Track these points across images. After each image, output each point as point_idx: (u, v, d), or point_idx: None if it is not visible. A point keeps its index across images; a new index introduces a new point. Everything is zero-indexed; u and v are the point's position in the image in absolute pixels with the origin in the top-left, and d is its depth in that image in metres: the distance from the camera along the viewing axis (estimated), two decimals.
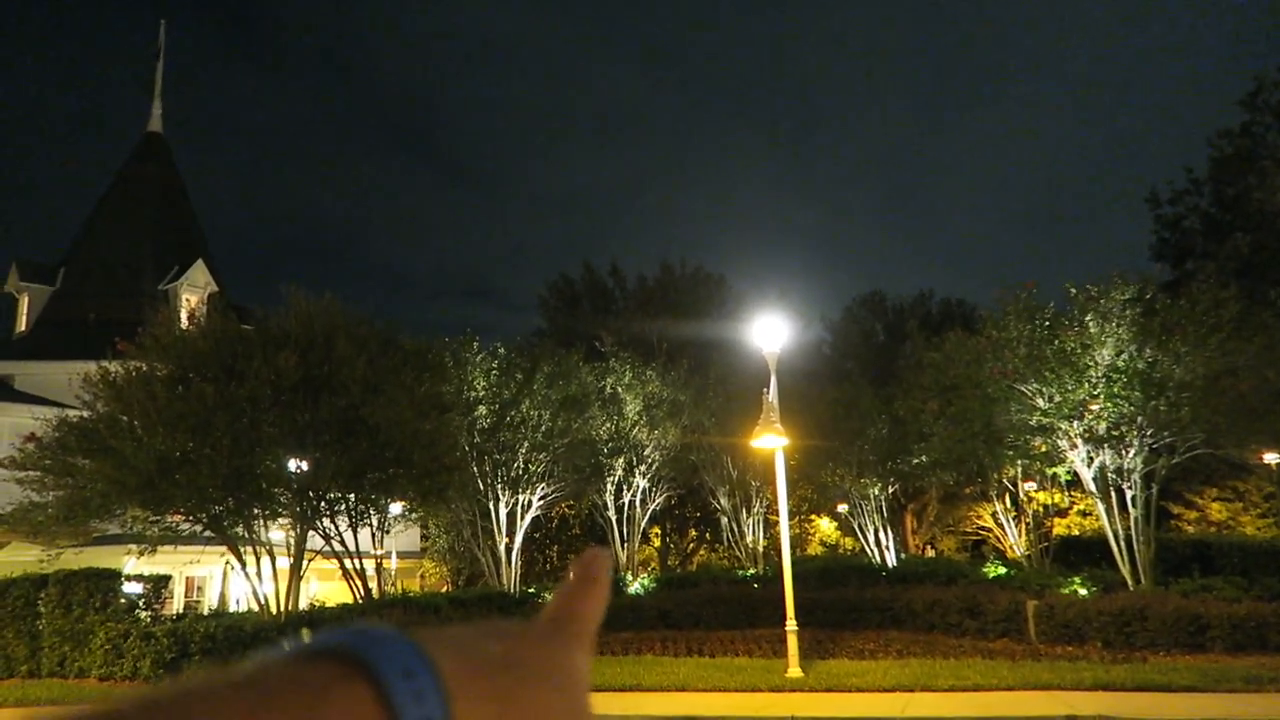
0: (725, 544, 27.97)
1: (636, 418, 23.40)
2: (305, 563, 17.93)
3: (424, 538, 35.49)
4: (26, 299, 33.35)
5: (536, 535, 36.70)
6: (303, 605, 19.76)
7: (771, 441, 14.12)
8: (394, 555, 35.78)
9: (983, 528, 30.88)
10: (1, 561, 19.51)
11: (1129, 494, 17.23)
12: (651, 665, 15.15)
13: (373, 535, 20.34)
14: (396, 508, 25.91)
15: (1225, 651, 13.77)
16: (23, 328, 32.97)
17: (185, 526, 18.17)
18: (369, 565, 21.68)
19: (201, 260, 33.12)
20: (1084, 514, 32.74)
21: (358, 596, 19.88)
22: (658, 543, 34.58)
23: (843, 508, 27.67)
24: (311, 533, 18.55)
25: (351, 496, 17.93)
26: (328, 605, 19.92)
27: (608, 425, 23.16)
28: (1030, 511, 25.24)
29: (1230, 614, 14.09)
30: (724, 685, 13.12)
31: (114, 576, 18.89)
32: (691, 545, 36.56)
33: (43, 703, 14.52)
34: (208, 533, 18.64)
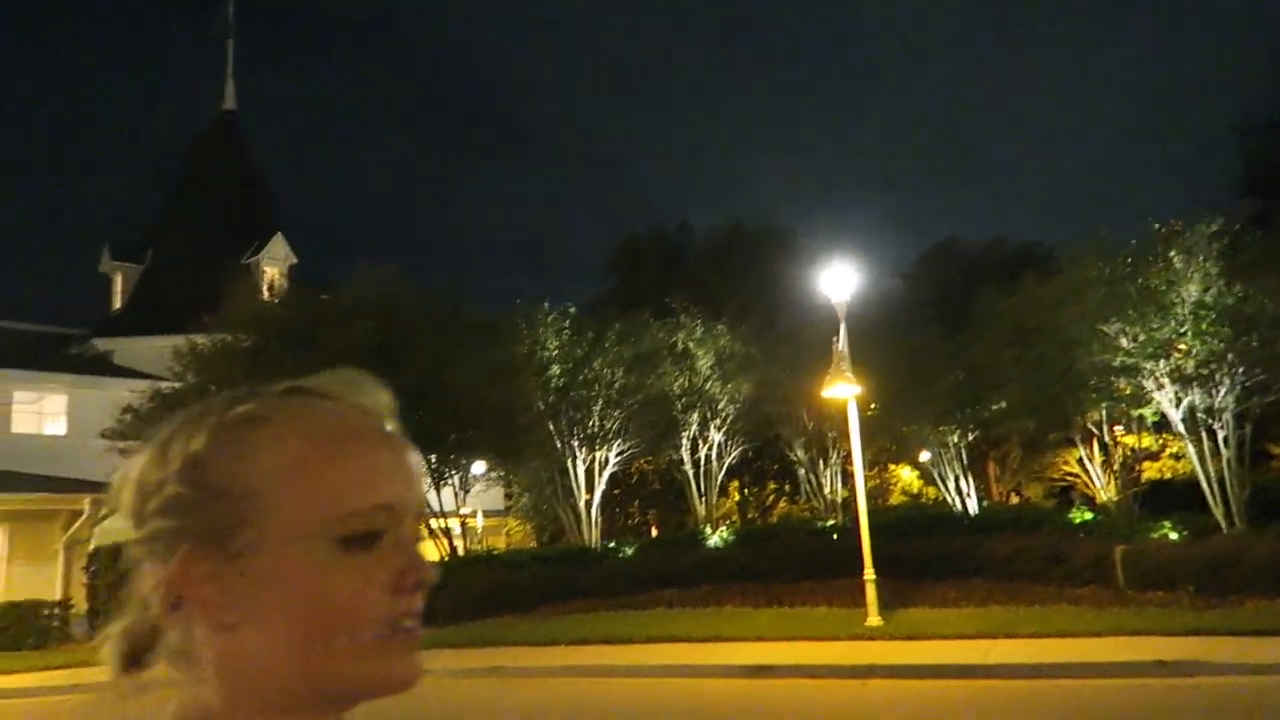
0: (804, 496, 27.90)
1: (709, 373, 23.41)
2: None
3: (507, 496, 36.18)
4: (120, 278, 34.81)
5: (616, 492, 37.14)
6: None
7: (843, 391, 14.02)
8: (479, 514, 36.76)
9: (1070, 474, 30.16)
10: (107, 529, 20.57)
11: (1220, 434, 16.64)
12: (731, 616, 15.34)
13: (455, 494, 20.87)
14: (479, 467, 26.55)
15: None
16: (118, 305, 34.45)
17: None
18: (454, 524, 22.31)
19: (280, 234, 34.04)
20: (1176, 457, 31.66)
21: (443, 554, 20.50)
22: (737, 496, 34.68)
23: (925, 456, 27.26)
24: None
25: (433, 457, 18.40)
26: None
27: (680, 381, 23.22)
28: (1118, 456, 24.59)
29: None
30: (803, 635, 13.22)
31: None
32: (771, 498, 36.57)
33: None
34: None
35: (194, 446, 0.70)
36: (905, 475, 37.63)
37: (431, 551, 21.25)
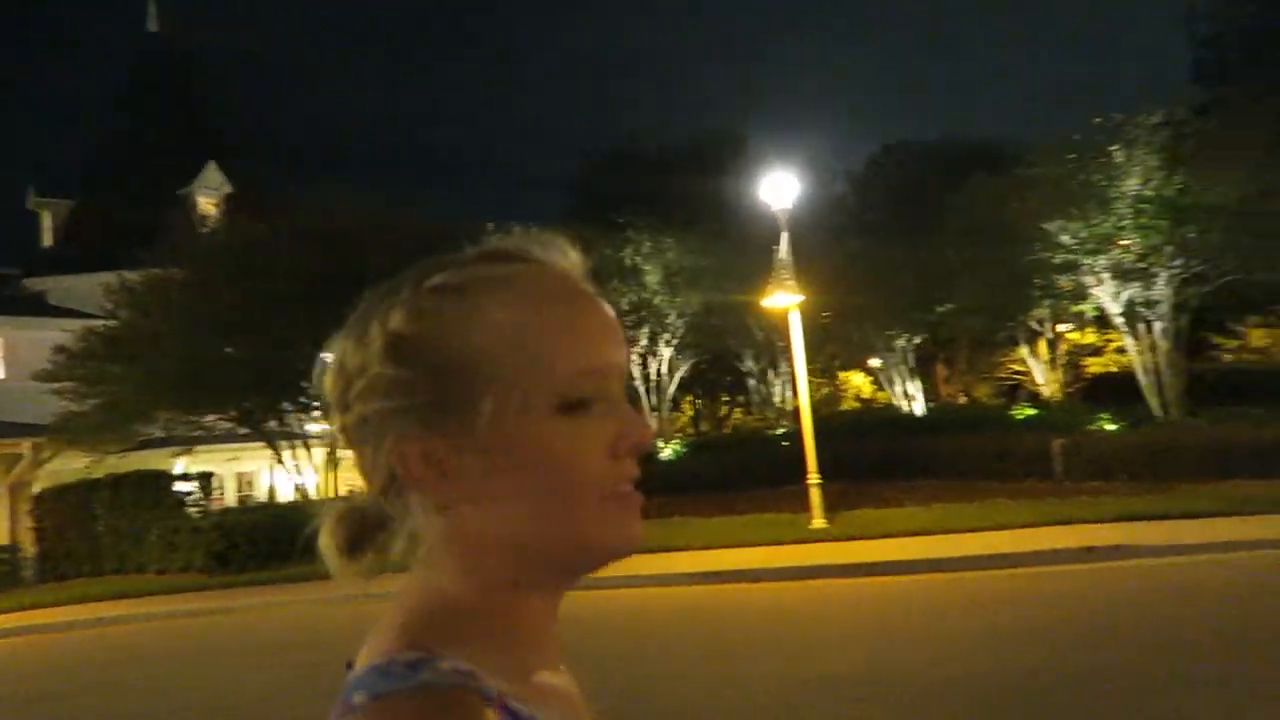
0: (755, 406, 28.16)
1: (657, 287, 23.24)
2: (340, 452, 18.35)
3: None
4: (49, 215, 33.57)
5: None
6: (343, 492, 20.38)
7: (784, 300, 13.97)
8: None
9: (1017, 372, 30.67)
10: (53, 470, 20.25)
11: (1158, 327, 16.92)
12: (681, 526, 15.49)
13: None
14: None
15: (1252, 476, 13.66)
16: (48, 243, 33.32)
17: (222, 425, 18.64)
18: None
19: (214, 163, 32.89)
20: (1120, 351, 32.39)
21: None
22: (690, 410, 34.94)
23: (875, 361, 27.54)
24: None
25: None
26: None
27: (629, 296, 23.04)
28: (1063, 352, 25.00)
29: (1256, 439, 13.97)
30: (750, 540, 13.41)
31: (162, 477, 19.58)
32: (725, 410, 36.91)
33: (106, 599, 15.32)
34: (244, 430, 19.13)
35: (394, 324, 0.67)
36: (857, 381, 38.05)
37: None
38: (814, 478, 13.98)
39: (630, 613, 10.05)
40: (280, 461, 18.27)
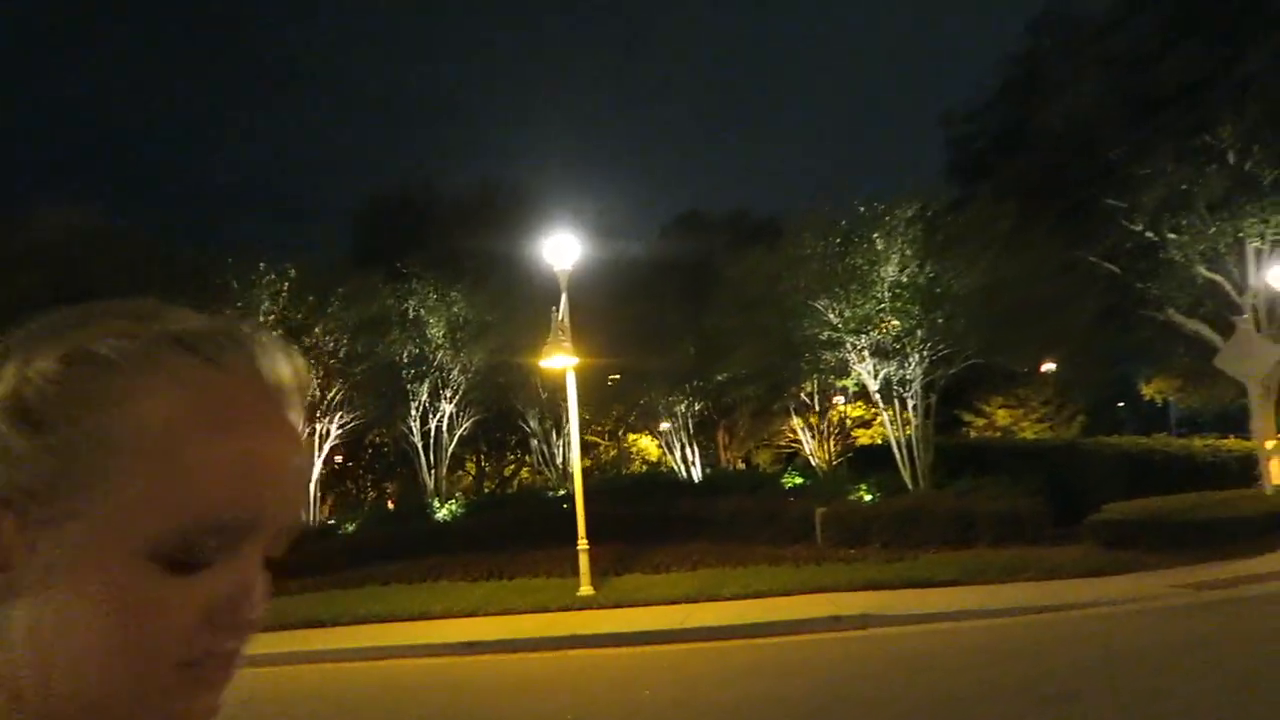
0: (538, 466, 27.82)
1: (441, 341, 22.61)
2: None
3: None
4: None
5: (350, 465, 35.49)
6: None
7: (561, 361, 13.84)
8: None
9: (795, 440, 32.09)
10: None
11: (911, 403, 18.05)
12: (446, 591, 14.85)
13: None
14: None
15: (990, 545, 14.70)
16: None
17: None
18: None
19: None
20: (895, 423, 34.69)
21: None
22: (473, 468, 34.11)
23: (665, 425, 27.93)
24: None
25: None
26: None
27: (411, 349, 22.27)
28: (833, 422, 26.33)
29: (993, 510, 15.07)
30: (516, 607, 12.98)
31: None
32: (511, 469, 36.31)
33: None
34: None
35: (29, 374, 0.54)
36: (646, 444, 38.61)
37: None
38: (583, 544, 13.77)
39: (381, 685, 9.37)
40: None
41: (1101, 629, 9.27)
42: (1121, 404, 49.52)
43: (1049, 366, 34.79)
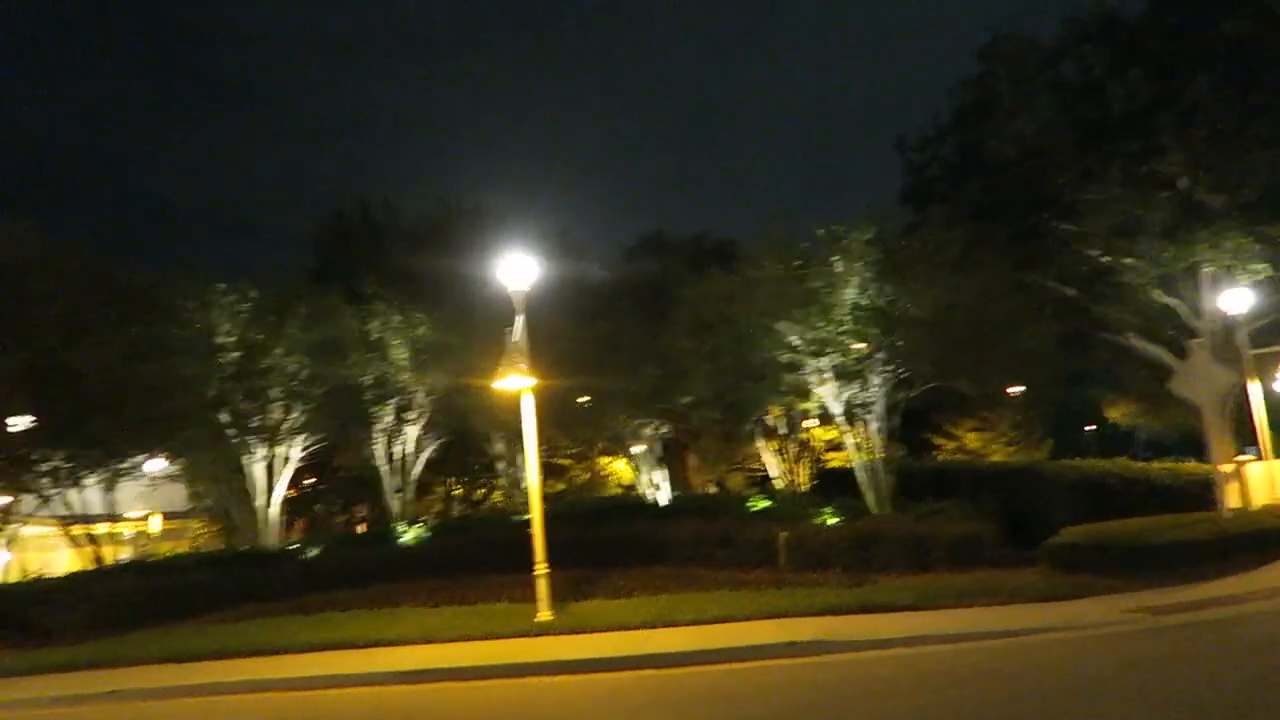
0: (504, 490, 27.60)
1: (404, 362, 22.42)
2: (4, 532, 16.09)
3: (195, 495, 32.99)
4: None
5: (322, 487, 35.03)
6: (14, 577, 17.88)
7: (517, 383, 13.75)
8: (156, 516, 33.30)
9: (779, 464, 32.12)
10: None
11: (874, 425, 18.10)
12: (403, 617, 14.65)
13: (104, 496, 18.46)
14: (159, 463, 23.88)
15: (947, 569, 14.73)
16: None
17: None
18: (122, 528, 19.84)
19: None
20: (858, 448, 34.80)
21: (86, 563, 18.17)
22: (442, 490, 33.81)
23: (638, 449, 27.83)
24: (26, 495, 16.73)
25: (59, 454, 16.12)
26: (46, 575, 18.01)
27: (373, 371, 22.06)
28: (800, 445, 26.31)
29: (951, 534, 15.10)
30: (471, 634, 12.81)
31: None
32: (483, 492, 36.00)
33: None
34: None
35: None
36: (619, 467, 38.45)
37: (72, 560, 18.75)
38: (541, 568, 13.63)
39: (319, 716, 9.17)
40: None
41: (1052, 655, 9.29)
42: (1091, 427, 49.98)
43: (1016, 390, 35.05)
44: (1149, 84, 20.11)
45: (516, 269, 13.98)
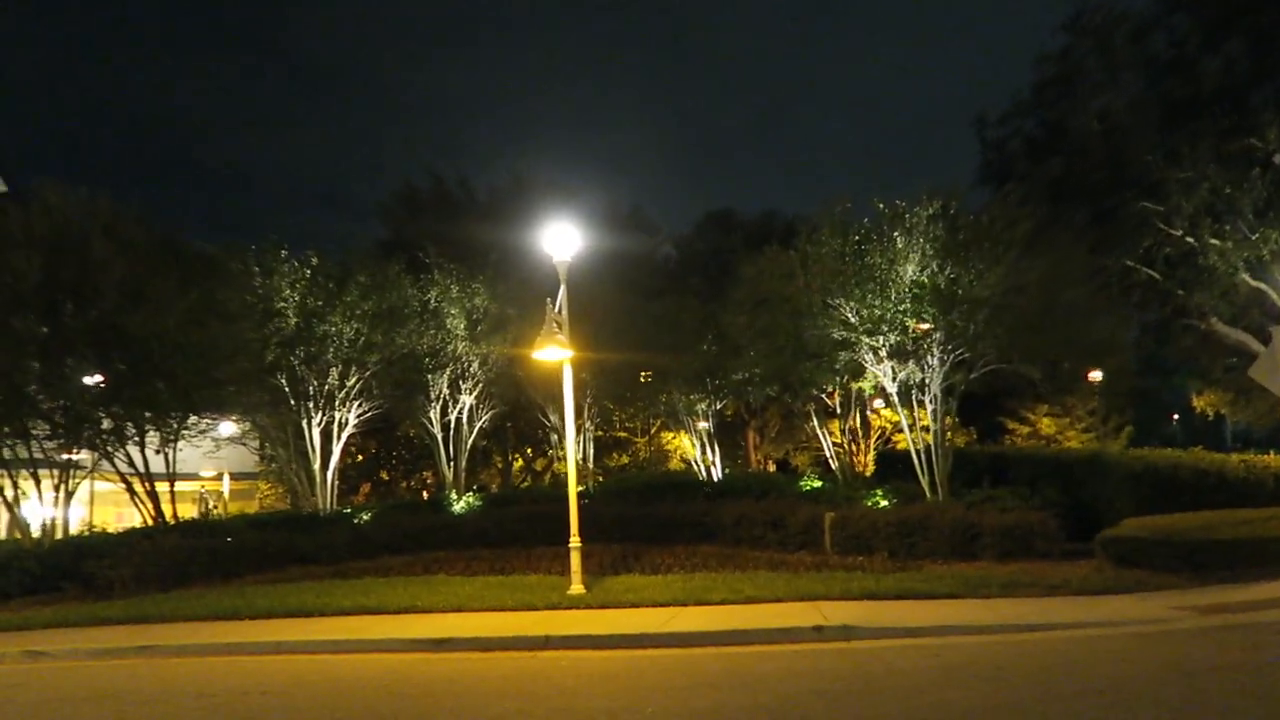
0: (561, 462, 27.66)
1: (461, 332, 22.56)
2: (69, 486, 16.68)
3: (262, 459, 33.97)
4: None
5: (376, 452, 35.71)
6: (75, 530, 18.56)
7: (555, 354, 13.61)
8: (225, 477, 34.37)
9: (835, 444, 31.53)
10: None
11: (930, 408, 17.50)
12: (440, 585, 14.74)
13: (164, 454, 19.00)
14: (228, 426, 24.59)
15: (995, 558, 14.18)
16: None
17: None
18: (189, 486, 20.45)
19: None
20: (926, 429, 33.93)
21: (148, 520, 18.78)
22: (500, 462, 34.10)
23: (701, 425, 27.59)
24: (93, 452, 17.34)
25: (116, 413, 16.58)
26: (109, 530, 18.66)
27: (429, 339, 22.25)
28: (862, 425, 25.72)
29: (1000, 523, 14.50)
30: (502, 604, 12.79)
31: None
32: (542, 463, 36.23)
33: None
34: None
35: None
36: (682, 443, 38.24)
37: (142, 517, 19.37)
38: (575, 541, 13.56)
39: (332, 683, 9.21)
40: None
41: (1085, 653, 8.77)
42: (1176, 417, 47.94)
43: (1096, 375, 33.59)
44: (1245, 57, 18.85)
45: (560, 239, 13.82)
